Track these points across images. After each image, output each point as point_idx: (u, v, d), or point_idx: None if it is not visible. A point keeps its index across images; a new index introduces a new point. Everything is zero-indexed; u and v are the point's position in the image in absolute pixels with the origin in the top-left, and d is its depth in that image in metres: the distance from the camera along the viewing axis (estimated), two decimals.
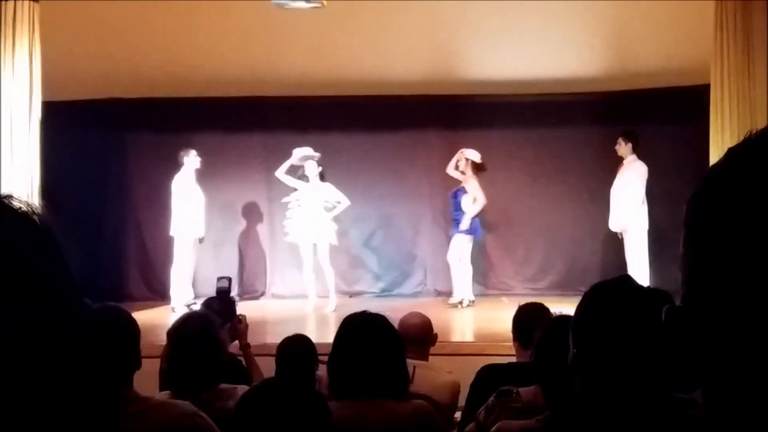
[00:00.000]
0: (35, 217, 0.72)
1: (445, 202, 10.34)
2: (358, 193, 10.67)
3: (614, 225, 9.17)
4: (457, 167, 9.65)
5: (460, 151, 9.69)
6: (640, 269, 8.72)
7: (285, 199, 9.55)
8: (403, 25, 9.72)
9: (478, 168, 9.59)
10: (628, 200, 8.88)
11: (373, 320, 2.66)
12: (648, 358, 1.52)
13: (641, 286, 1.70)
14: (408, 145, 10.95)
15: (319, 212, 9.31)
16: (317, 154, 9.44)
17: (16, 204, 0.71)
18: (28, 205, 0.72)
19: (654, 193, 9.00)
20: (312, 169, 9.31)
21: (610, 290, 1.69)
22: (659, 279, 8.56)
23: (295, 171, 9.50)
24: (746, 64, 7.40)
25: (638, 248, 8.87)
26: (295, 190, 9.43)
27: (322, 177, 9.41)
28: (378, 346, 2.56)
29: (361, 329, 2.63)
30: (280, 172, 9.44)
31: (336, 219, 9.66)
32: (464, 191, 9.54)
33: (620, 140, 9.07)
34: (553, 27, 9.64)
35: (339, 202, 9.46)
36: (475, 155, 9.59)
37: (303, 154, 9.38)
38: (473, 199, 9.47)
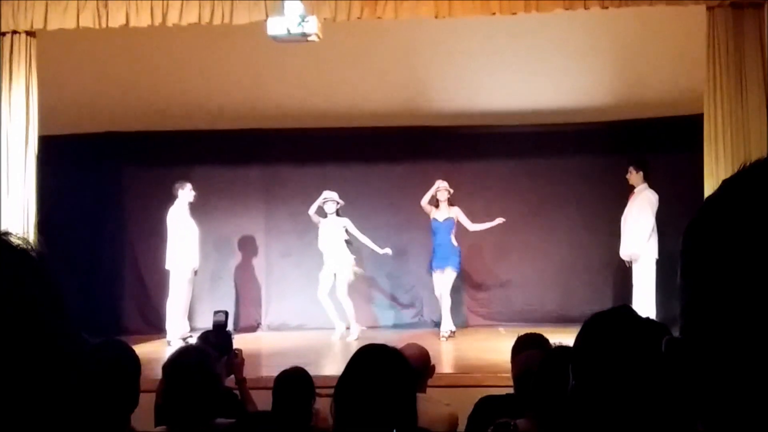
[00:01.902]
0: (33, 254, 0.72)
1: None
2: (354, 223, 10.70)
3: (624, 253, 9.12)
4: (437, 199, 9.62)
5: (441, 183, 9.65)
6: (646, 298, 8.70)
7: (319, 243, 9.84)
8: (397, 57, 9.78)
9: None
10: (639, 229, 8.86)
11: (387, 353, 2.59)
12: (647, 389, 1.51)
13: (640, 317, 1.69)
14: (403, 175, 10.98)
15: (338, 245, 9.71)
16: (341, 202, 9.85)
17: (14, 241, 0.72)
18: (26, 241, 0.72)
19: (659, 223, 8.99)
20: (330, 206, 9.76)
21: (609, 320, 1.68)
22: (665, 308, 8.56)
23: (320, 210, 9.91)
24: (739, 94, 7.46)
25: (647, 278, 8.84)
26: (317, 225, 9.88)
27: (338, 213, 9.85)
28: (391, 381, 2.49)
29: (375, 361, 2.55)
30: (312, 211, 9.82)
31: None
32: (453, 221, 9.55)
33: (631, 169, 9.08)
34: (552, 58, 9.71)
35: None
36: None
37: (329, 198, 9.80)
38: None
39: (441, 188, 9.60)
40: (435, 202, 9.66)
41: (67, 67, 9.30)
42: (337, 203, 9.80)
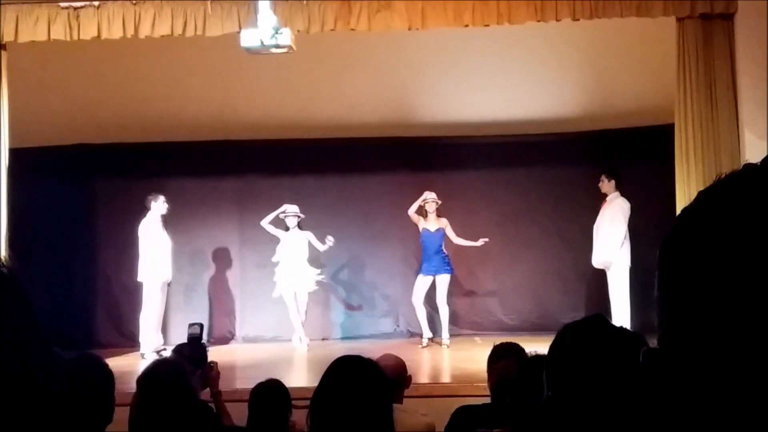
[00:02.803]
0: (3, 269, 0.71)
1: (418, 242, 10.36)
2: (328, 234, 10.68)
3: (597, 261, 9.18)
4: (425, 210, 9.72)
5: (430, 194, 9.74)
6: (621, 306, 8.77)
7: (274, 258, 9.81)
8: (373, 67, 9.81)
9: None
10: (611, 237, 8.92)
11: (363, 364, 2.57)
12: (621, 400, 1.52)
13: (614, 326, 1.69)
14: (378, 186, 10.98)
15: (299, 259, 9.71)
16: (302, 215, 9.85)
17: None
18: None
19: (632, 231, 9.07)
20: (292, 221, 9.77)
21: (582, 330, 1.68)
22: (641, 316, 8.62)
23: (277, 221, 9.86)
24: (709, 104, 7.55)
25: (620, 286, 8.91)
26: (278, 239, 9.85)
27: (300, 226, 9.82)
28: (367, 392, 2.47)
29: (350, 373, 2.53)
30: (265, 222, 9.78)
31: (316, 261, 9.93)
32: (443, 232, 9.67)
33: (603, 177, 9.16)
34: (523, 69, 9.78)
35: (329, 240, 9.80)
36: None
37: (290, 212, 9.78)
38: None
39: (429, 200, 9.70)
40: (423, 213, 9.74)
41: (38, 79, 9.23)
42: (299, 217, 9.80)
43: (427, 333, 9.76)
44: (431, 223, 9.73)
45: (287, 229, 9.78)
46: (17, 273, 0.72)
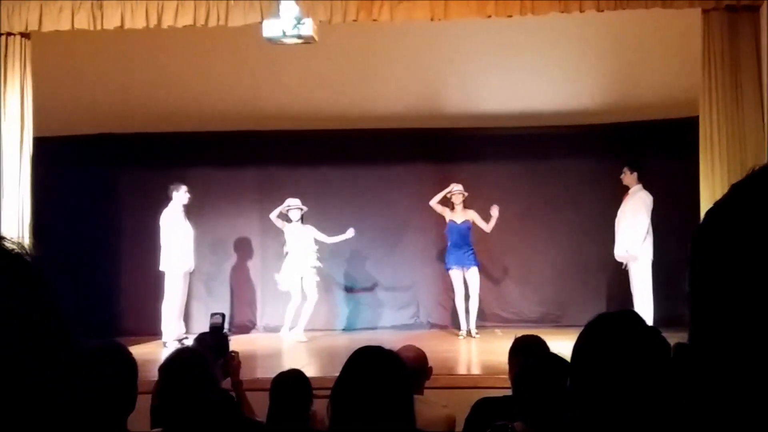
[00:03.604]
0: (27, 258, 0.71)
1: (438, 233, 10.35)
2: (349, 226, 10.67)
3: (619, 255, 9.09)
4: (452, 202, 9.70)
5: (456, 186, 9.75)
6: (644, 300, 8.69)
7: (285, 248, 9.87)
8: (394, 58, 9.78)
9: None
10: (634, 230, 8.84)
11: (384, 355, 2.56)
12: (648, 396, 1.50)
13: (645, 323, 1.67)
14: (399, 178, 10.97)
15: (303, 251, 9.77)
16: (305, 208, 9.87)
17: (7, 245, 0.70)
18: (20, 246, 0.71)
19: (655, 225, 8.99)
20: (295, 214, 9.80)
21: (614, 324, 1.66)
22: (663, 310, 8.57)
23: (284, 216, 9.90)
24: (735, 97, 7.45)
25: (643, 279, 8.83)
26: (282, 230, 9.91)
27: (302, 219, 9.89)
28: (388, 383, 2.45)
29: (371, 364, 2.51)
30: (273, 216, 9.83)
31: (327, 252, 9.96)
32: (469, 224, 9.69)
33: (625, 170, 9.08)
34: (547, 61, 9.71)
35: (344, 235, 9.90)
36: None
37: (293, 206, 9.80)
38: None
39: (456, 191, 9.74)
40: (450, 205, 9.75)
41: (62, 69, 9.27)
42: (301, 210, 9.83)
43: (465, 325, 9.76)
44: (458, 215, 9.75)
45: (290, 221, 9.82)
46: (39, 262, 0.72)
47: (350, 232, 9.90)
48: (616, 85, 10.03)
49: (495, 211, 9.67)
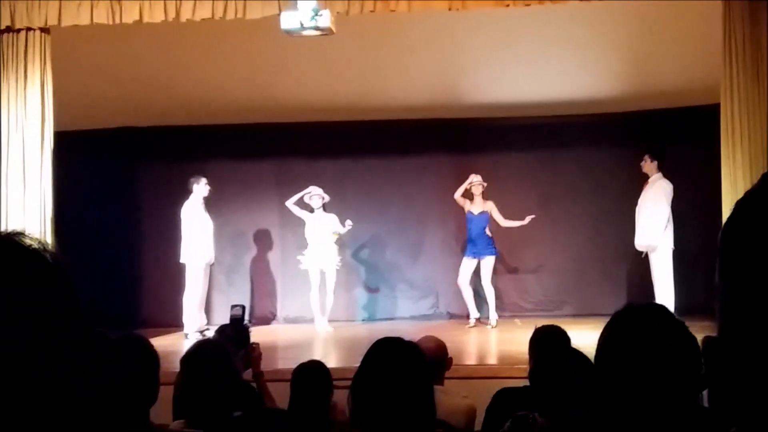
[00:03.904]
0: (46, 254, 0.71)
1: (458, 224, 10.33)
2: (369, 217, 10.69)
3: (640, 244, 9.02)
4: (471, 193, 9.71)
5: (476, 177, 9.74)
6: (665, 289, 8.63)
7: (306, 234, 9.86)
8: (413, 49, 9.74)
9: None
10: (654, 219, 8.76)
11: (403, 346, 2.55)
12: (673, 387, 1.48)
13: (672, 315, 1.64)
14: (418, 168, 10.95)
15: (325, 240, 9.76)
16: (327, 197, 9.85)
17: (27, 241, 0.70)
18: (40, 242, 0.71)
19: (675, 213, 8.92)
20: (317, 201, 9.77)
21: (640, 316, 1.63)
22: (684, 299, 8.52)
23: (302, 203, 9.89)
24: (756, 84, 7.36)
25: (664, 268, 8.75)
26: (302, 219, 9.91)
27: (324, 208, 9.85)
28: (408, 374, 2.44)
29: (391, 355, 2.50)
30: (290, 203, 9.82)
31: (347, 243, 9.89)
32: (487, 215, 9.70)
33: (646, 157, 9.01)
34: (566, 49, 9.64)
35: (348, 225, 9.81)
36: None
37: (314, 193, 9.79)
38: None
39: (475, 183, 9.74)
40: (469, 195, 9.76)
41: (82, 63, 9.31)
42: (323, 198, 9.82)
43: (474, 313, 9.80)
44: (476, 206, 9.75)
45: (312, 211, 9.81)
46: (60, 257, 0.72)
47: (348, 224, 9.83)
48: (635, 72, 9.94)
49: (527, 220, 9.68)
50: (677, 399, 1.45)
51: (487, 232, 9.73)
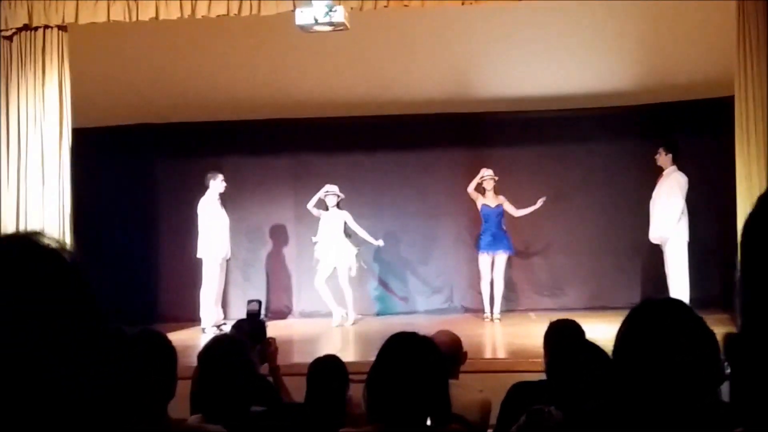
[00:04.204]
0: (64, 254, 0.71)
1: (471, 218, 10.31)
2: (383, 212, 10.69)
3: (654, 236, 8.98)
4: (483, 187, 9.71)
5: (487, 171, 9.74)
6: (680, 282, 8.59)
7: (314, 239, 9.90)
8: (427, 43, 9.72)
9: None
10: (669, 212, 8.71)
11: (418, 341, 2.55)
12: (692, 384, 1.47)
13: (691, 311, 1.63)
14: (432, 163, 10.94)
15: (338, 237, 9.78)
16: (342, 195, 9.87)
17: (45, 241, 0.70)
18: (57, 241, 0.71)
19: (690, 206, 8.85)
20: (331, 200, 9.79)
21: (659, 311, 1.62)
22: (699, 292, 8.47)
23: (319, 201, 9.92)
24: None
25: (678, 260, 8.70)
26: (319, 218, 9.92)
27: (339, 206, 9.87)
28: (423, 369, 2.44)
29: (406, 350, 2.50)
30: (311, 205, 9.86)
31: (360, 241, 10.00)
32: (502, 209, 9.71)
33: (660, 150, 8.96)
34: (579, 42, 9.59)
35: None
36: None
37: (331, 192, 9.81)
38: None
39: (486, 177, 9.76)
40: (481, 190, 9.78)
41: (99, 61, 9.35)
42: (338, 196, 9.83)
43: (488, 309, 9.80)
44: (490, 200, 9.76)
45: (327, 209, 9.83)
46: (78, 256, 0.72)
47: (378, 243, 9.96)
48: (649, 65, 9.88)
49: (539, 203, 9.70)
50: (695, 395, 1.44)
51: (503, 226, 9.74)
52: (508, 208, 9.79)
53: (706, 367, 1.44)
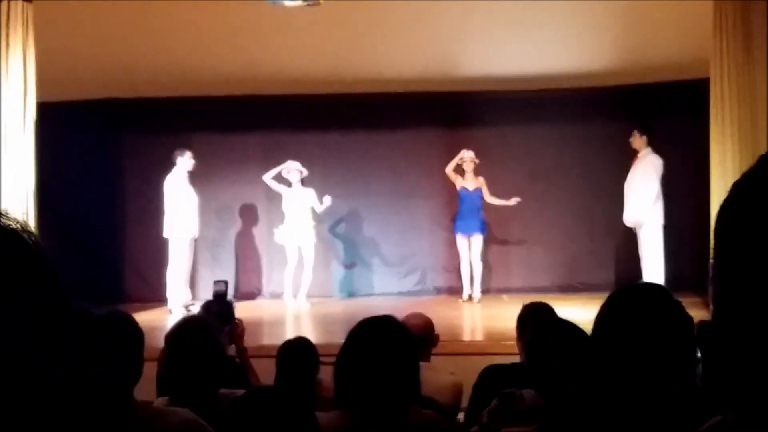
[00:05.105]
0: (25, 235, 0.70)
1: (447, 199, 10.34)
2: (356, 192, 10.67)
3: (629, 219, 9.05)
4: (463, 169, 9.76)
5: (467, 153, 9.78)
6: (655, 265, 8.67)
7: (283, 208, 9.88)
8: (402, 21, 9.67)
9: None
10: (643, 194, 8.77)
11: (388, 325, 2.55)
12: (669, 370, 1.49)
13: (670, 296, 1.64)
14: (406, 143, 10.93)
15: (303, 215, 9.79)
16: (305, 171, 9.83)
17: (4, 222, 0.69)
18: (18, 222, 0.70)
19: (665, 188, 8.93)
20: (295, 176, 9.76)
21: (640, 296, 1.63)
22: (673, 275, 8.56)
23: (280, 177, 9.90)
24: (746, 59, 7.37)
25: (653, 243, 8.79)
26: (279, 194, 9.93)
27: (303, 183, 9.84)
28: (393, 352, 2.45)
29: (376, 334, 2.51)
30: (268, 177, 9.82)
31: (333, 218, 9.85)
32: (480, 191, 9.77)
33: (635, 133, 9.02)
34: (555, 22, 9.59)
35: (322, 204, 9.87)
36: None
37: (293, 167, 9.78)
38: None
39: (466, 158, 9.84)
40: (461, 171, 9.83)
41: (66, 33, 9.20)
42: (301, 172, 9.81)
43: (467, 290, 9.86)
44: (469, 182, 9.81)
45: (290, 185, 9.80)
46: (41, 237, 0.71)
47: (327, 200, 9.83)
48: (625, 46, 9.91)
49: (512, 202, 9.77)
50: (672, 380, 1.45)
51: (481, 209, 9.82)
52: (485, 191, 9.83)
53: (683, 352, 1.46)
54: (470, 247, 9.82)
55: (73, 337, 0.73)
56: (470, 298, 9.86)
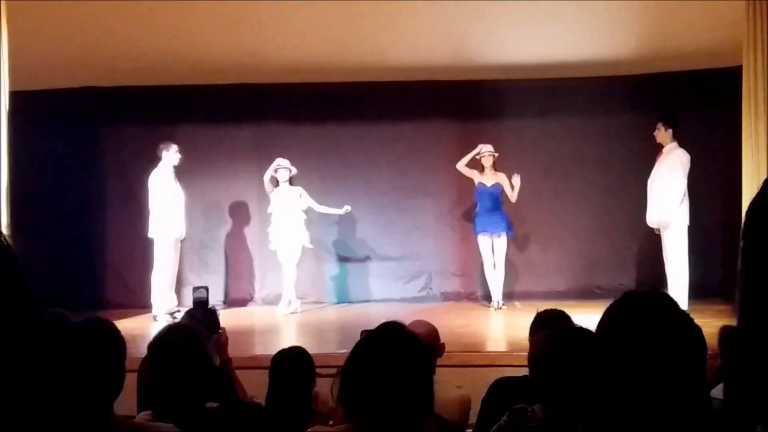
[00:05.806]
0: None
1: (456, 197, 10.32)
2: (356, 189, 10.65)
3: (652, 220, 8.93)
4: (481, 164, 9.78)
5: (485, 147, 9.77)
6: (679, 269, 8.59)
7: (269, 209, 9.91)
8: (400, 8, 9.66)
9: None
10: (668, 192, 8.65)
11: (401, 334, 2.55)
12: (679, 381, 1.49)
13: (676, 305, 1.64)
14: (411, 135, 10.91)
15: (291, 215, 9.81)
16: (294, 169, 9.86)
17: None
18: None
19: (691, 185, 8.79)
20: (283, 174, 9.79)
21: (643, 305, 1.63)
22: (699, 280, 8.53)
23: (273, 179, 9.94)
24: None
25: (678, 246, 8.68)
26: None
27: (291, 181, 9.88)
28: (406, 366, 2.45)
29: (389, 346, 2.50)
30: (266, 177, 9.85)
31: (333, 217, 10.01)
32: (500, 187, 9.77)
33: (659, 126, 8.90)
34: (575, 4, 9.57)
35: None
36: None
37: (283, 166, 9.82)
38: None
39: (485, 153, 9.81)
40: (478, 166, 9.82)
41: (41, 18, 9.21)
42: (290, 171, 9.84)
43: (496, 296, 9.84)
44: (488, 178, 9.79)
45: (278, 184, 9.83)
46: (11, 238, 0.71)
47: (345, 209, 9.92)
48: (652, 32, 9.89)
49: (516, 180, 9.76)
50: (681, 395, 1.45)
51: (502, 207, 9.80)
52: (507, 190, 9.82)
53: (690, 368, 1.46)
54: (495, 249, 9.78)
55: (46, 346, 0.73)
56: (499, 305, 9.80)
